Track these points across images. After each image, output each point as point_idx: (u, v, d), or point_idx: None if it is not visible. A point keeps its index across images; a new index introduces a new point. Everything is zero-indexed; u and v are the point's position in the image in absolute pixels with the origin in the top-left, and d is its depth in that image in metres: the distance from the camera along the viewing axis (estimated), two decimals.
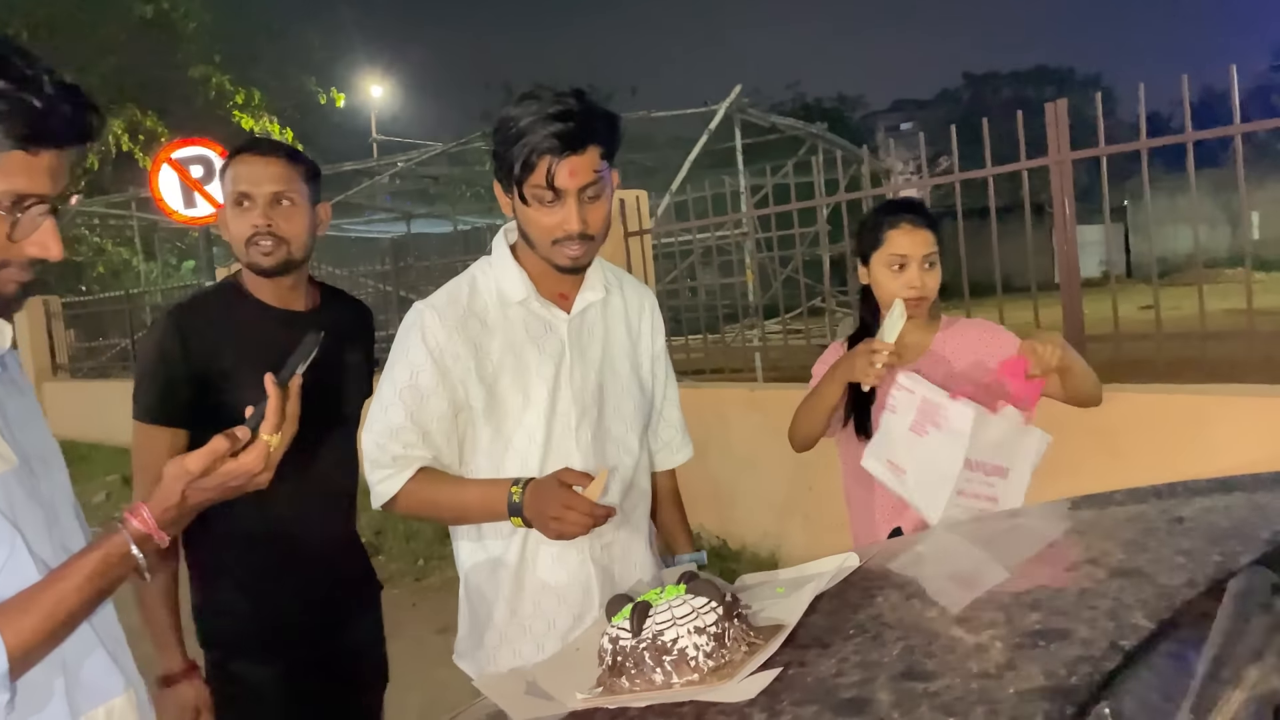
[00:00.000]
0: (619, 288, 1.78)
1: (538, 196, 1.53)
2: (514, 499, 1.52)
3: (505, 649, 1.67)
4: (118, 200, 15.11)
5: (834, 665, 1.02)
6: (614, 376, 1.72)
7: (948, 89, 42.94)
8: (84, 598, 1.10)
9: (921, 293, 2.02)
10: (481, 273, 1.69)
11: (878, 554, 1.34)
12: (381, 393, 1.64)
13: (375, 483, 1.64)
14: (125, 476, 9.05)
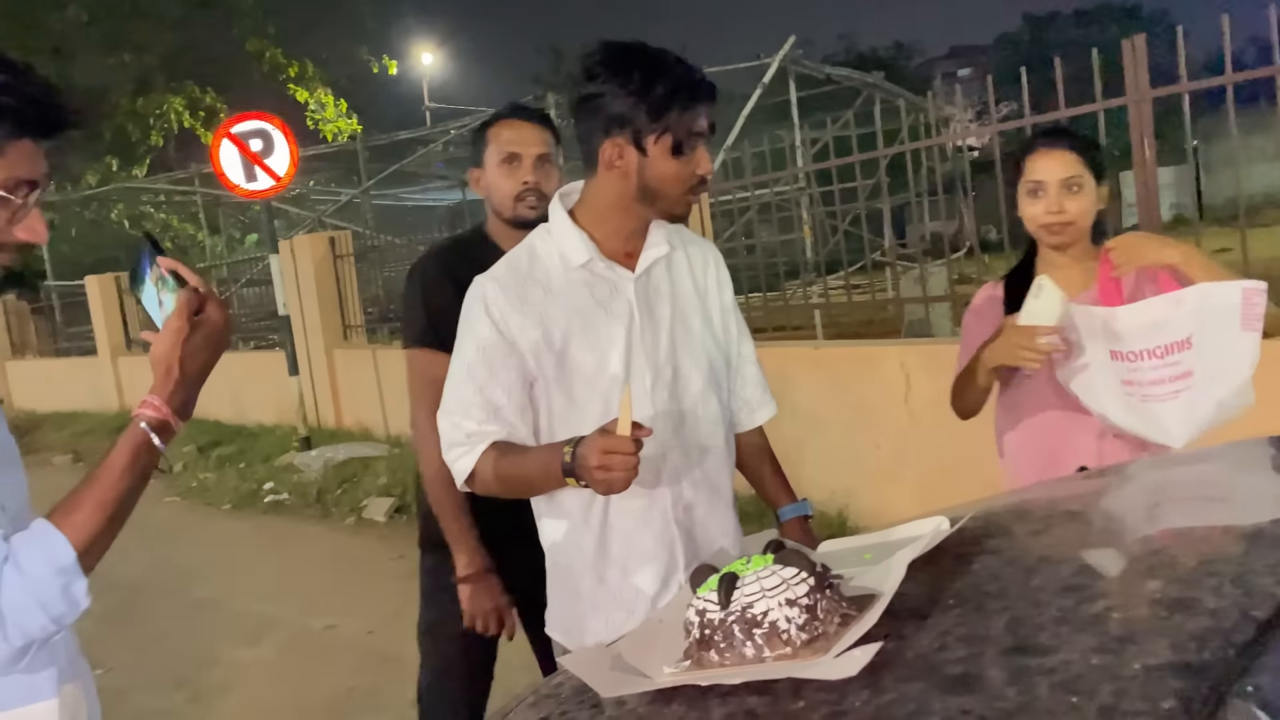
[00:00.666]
0: (681, 244, 1.74)
1: (690, 143, 1.54)
2: (566, 459, 1.47)
3: (596, 617, 1.66)
4: (181, 177, 15.36)
5: (935, 639, 0.97)
6: (686, 334, 1.69)
7: (1007, 32, 41.59)
8: (124, 488, 1.22)
9: (1062, 217, 1.94)
10: (540, 240, 1.67)
11: (972, 515, 1.27)
12: (452, 369, 1.63)
13: (452, 462, 1.62)
14: (199, 446, 9.29)
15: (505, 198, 2.10)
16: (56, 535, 1.15)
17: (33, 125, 1.17)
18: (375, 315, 9.30)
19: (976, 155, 19.01)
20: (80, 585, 1.15)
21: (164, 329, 1.25)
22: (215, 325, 1.27)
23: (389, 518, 6.38)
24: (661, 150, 1.55)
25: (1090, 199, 1.97)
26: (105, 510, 1.19)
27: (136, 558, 6.19)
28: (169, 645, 4.60)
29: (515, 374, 1.59)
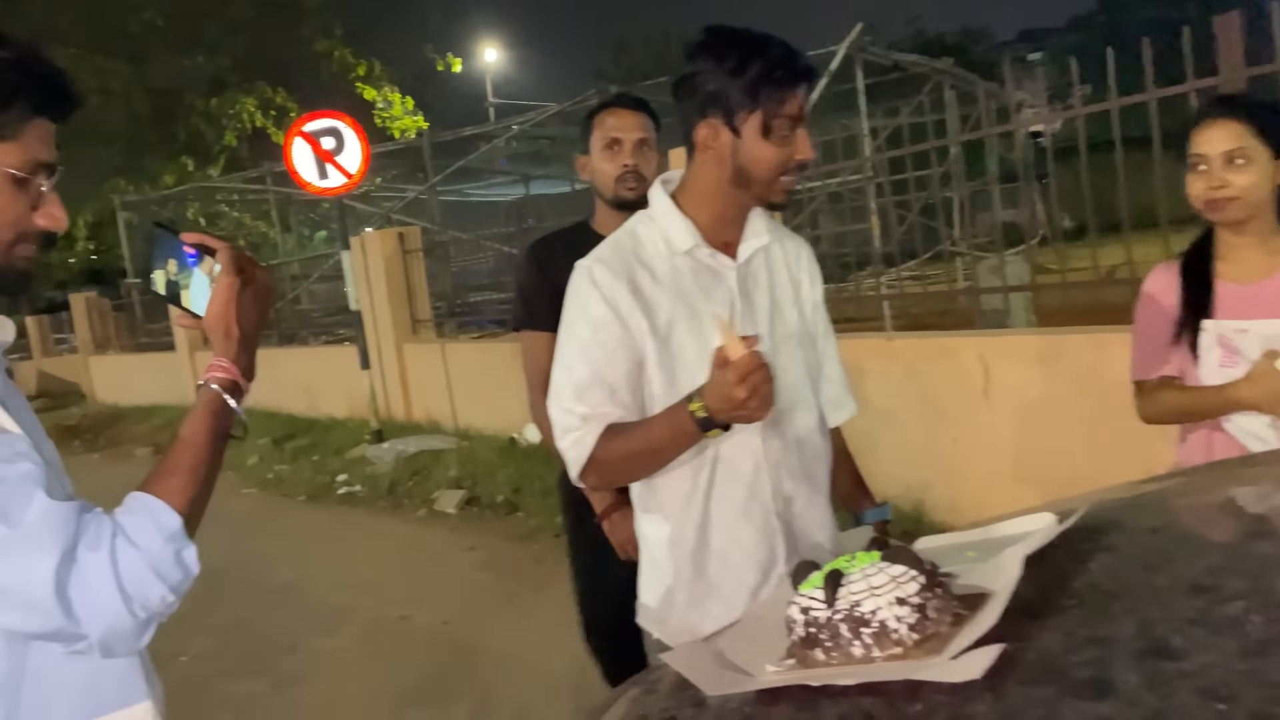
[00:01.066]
0: (777, 236, 1.73)
1: (783, 126, 1.52)
2: (698, 415, 1.43)
3: (694, 610, 1.63)
4: (254, 175, 15.68)
5: (1058, 640, 0.93)
6: (783, 325, 1.68)
7: (1079, 14, 40.47)
8: (210, 452, 1.23)
9: (1223, 193, 1.84)
10: (643, 225, 1.65)
11: (1081, 514, 1.22)
12: (563, 353, 1.60)
13: (567, 448, 1.58)
14: (275, 439, 9.48)
15: (607, 180, 2.30)
16: (159, 504, 1.15)
17: (48, 105, 1.14)
18: (443, 309, 9.39)
19: (1045, 140, 18.56)
20: (190, 551, 1.16)
21: (216, 289, 1.24)
22: (261, 282, 1.27)
23: (459, 510, 6.44)
24: (753, 131, 1.53)
25: (1261, 172, 1.84)
26: (197, 474, 1.20)
27: (216, 547, 6.32)
28: (250, 633, 4.70)
29: (629, 353, 1.57)
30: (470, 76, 26.95)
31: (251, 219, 18.84)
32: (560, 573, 5.03)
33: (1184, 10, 31.68)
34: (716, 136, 1.55)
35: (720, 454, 1.59)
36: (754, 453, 1.61)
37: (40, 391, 20.14)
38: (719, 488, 1.60)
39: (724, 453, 1.60)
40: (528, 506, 6.13)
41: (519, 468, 6.66)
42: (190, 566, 1.16)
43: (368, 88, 18.57)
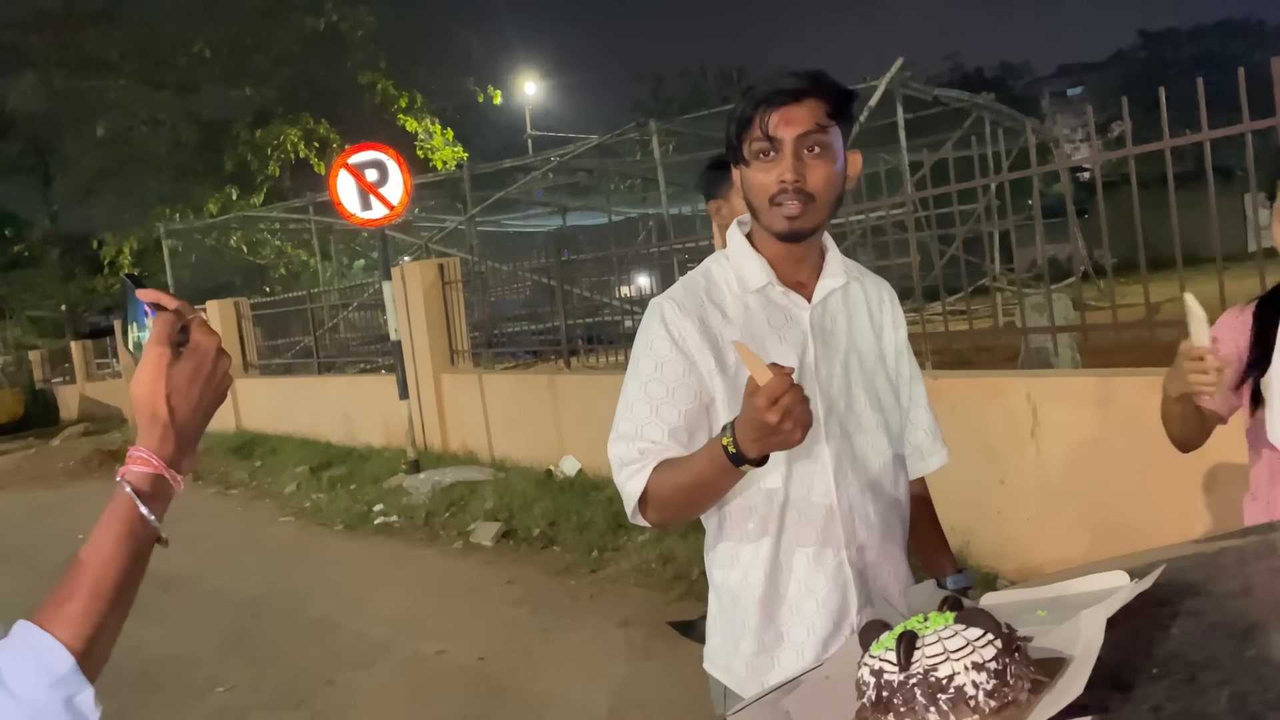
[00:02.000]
0: (859, 278, 1.71)
1: (755, 151, 1.51)
2: (729, 450, 1.38)
3: (763, 656, 1.60)
4: (296, 205, 15.93)
5: (1146, 714, 0.89)
6: (861, 369, 1.64)
7: (1122, 49, 40.26)
8: (119, 569, 0.98)
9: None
10: (717, 264, 1.64)
11: (1160, 572, 1.18)
12: (626, 389, 1.59)
13: (623, 482, 1.56)
14: (312, 467, 9.54)
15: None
16: (47, 641, 0.92)
17: None
18: (480, 340, 9.44)
19: (1087, 177, 18.41)
20: (86, 695, 0.93)
21: (141, 361, 1.03)
22: (205, 353, 1.04)
23: (495, 542, 6.43)
24: (745, 158, 1.54)
25: None
26: (101, 600, 0.96)
27: (254, 576, 6.38)
28: (287, 664, 4.70)
29: (693, 393, 1.54)
30: (509, 108, 27.28)
31: (293, 248, 19.12)
32: (596, 609, 5.02)
33: (1226, 47, 31.50)
34: (739, 175, 1.58)
35: (791, 498, 1.56)
36: (827, 497, 1.57)
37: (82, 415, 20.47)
38: (789, 532, 1.57)
39: (795, 496, 1.56)
40: (564, 540, 6.11)
41: (555, 501, 6.64)
42: (86, 715, 0.93)
43: (409, 119, 18.85)
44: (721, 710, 1.64)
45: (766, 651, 1.59)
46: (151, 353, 1.02)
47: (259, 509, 8.80)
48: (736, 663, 1.62)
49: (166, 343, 1.03)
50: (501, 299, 10.44)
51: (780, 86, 1.48)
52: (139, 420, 1.03)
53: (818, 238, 1.61)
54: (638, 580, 5.27)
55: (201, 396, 1.04)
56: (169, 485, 1.03)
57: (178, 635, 5.30)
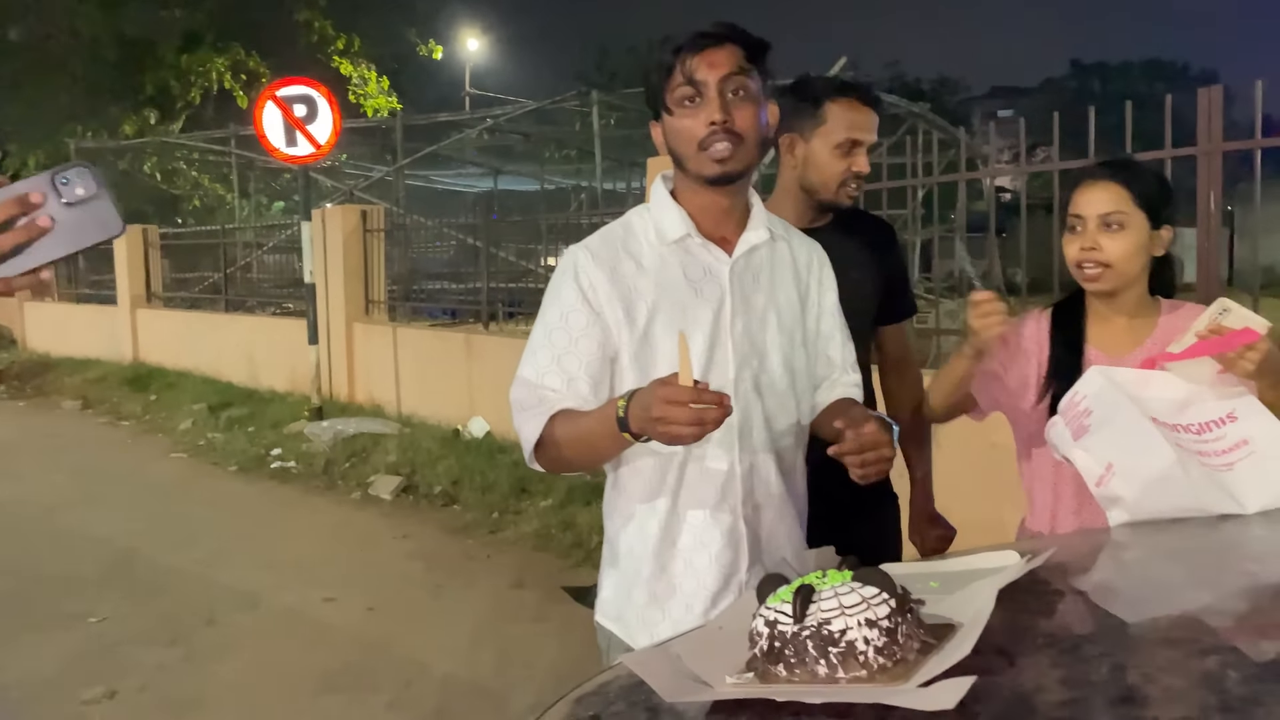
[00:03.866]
0: (786, 237, 1.68)
1: (679, 98, 1.49)
2: (620, 413, 1.37)
3: (654, 608, 1.59)
4: (218, 136, 15.36)
5: (1031, 679, 0.91)
6: (779, 329, 1.61)
7: (1053, 77, 41.48)
8: None
9: (1095, 256, 1.76)
10: (638, 216, 1.62)
11: (1050, 554, 1.21)
12: (533, 335, 1.58)
13: (520, 426, 1.55)
14: (210, 406, 9.26)
15: (828, 179, 2.05)
16: None
17: None
18: (398, 293, 9.26)
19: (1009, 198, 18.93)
20: None
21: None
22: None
23: (395, 496, 6.33)
24: (666, 115, 1.53)
25: (1135, 241, 1.75)
26: None
27: (140, 510, 6.17)
28: (166, 601, 4.55)
29: (596, 345, 1.53)
30: (450, 64, 26.75)
31: (210, 180, 18.46)
32: (491, 569, 4.99)
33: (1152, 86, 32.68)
34: (657, 132, 1.57)
35: (692, 454, 1.55)
36: (729, 455, 1.57)
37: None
38: (688, 488, 1.57)
39: (696, 453, 1.55)
40: (465, 500, 6.05)
41: (460, 460, 6.57)
42: None
43: (345, 62, 18.33)
44: (608, 661, 1.63)
45: (657, 603, 1.60)
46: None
47: (150, 443, 8.50)
48: (628, 612, 1.63)
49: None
50: (424, 255, 10.26)
51: (700, 31, 1.48)
52: None
53: (745, 186, 1.59)
54: (536, 544, 5.25)
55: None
56: None
57: (52, 562, 5.10)
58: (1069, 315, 1.88)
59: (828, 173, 2.05)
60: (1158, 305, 1.86)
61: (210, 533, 5.66)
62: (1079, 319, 1.89)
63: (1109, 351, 1.83)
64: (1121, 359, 1.80)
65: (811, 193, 2.09)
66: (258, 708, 3.48)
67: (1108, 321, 1.84)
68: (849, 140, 2.03)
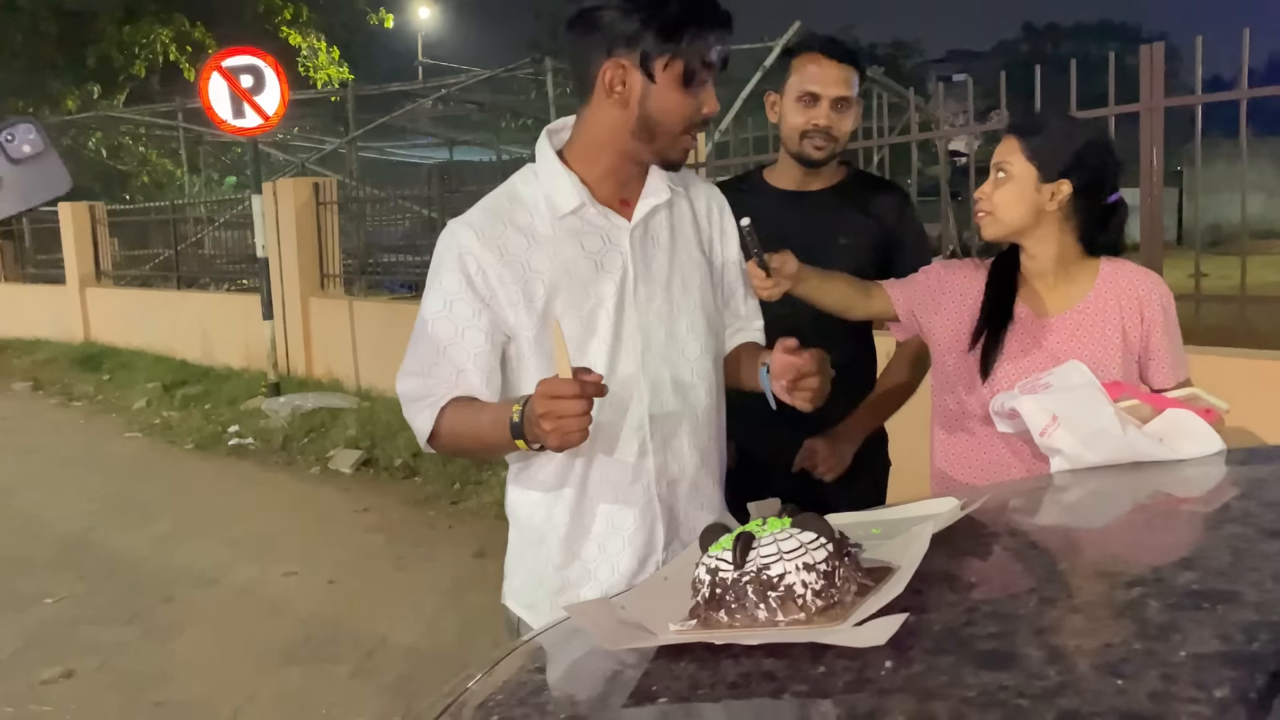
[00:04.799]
0: (684, 187, 1.57)
1: (687, 73, 1.40)
2: (514, 418, 1.32)
3: (568, 594, 1.53)
4: (164, 110, 15.02)
5: (961, 615, 0.93)
6: (685, 292, 1.53)
7: (1005, 40, 41.72)
8: None
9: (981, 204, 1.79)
10: (524, 182, 1.50)
11: (985, 499, 1.24)
12: (416, 325, 1.49)
13: (412, 417, 1.49)
14: (165, 384, 9.13)
15: (793, 133, 2.10)
16: None
17: None
18: (354, 267, 9.15)
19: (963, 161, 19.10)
20: None
21: None
22: None
23: (355, 470, 6.30)
24: (671, 78, 1.40)
25: (1018, 190, 1.75)
26: None
27: (94, 490, 6.09)
28: (123, 579, 4.51)
29: (483, 336, 1.45)
30: (401, 34, 26.34)
31: (158, 156, 18.08)
32: (453, 539, 4.98)
33: (1103, 46, 32.98)
34: (625, 80, 1.41)
35: (600, 433, 1.43)
36: (639, 431, 1.49)
37: None
38: (597, 469, 1.50)
39: (604, 431, 1.46)
40: (426, 472, 6.03)
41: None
42: None
43: (293, 33, 17.98)
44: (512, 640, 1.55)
45: (571, 589, 1.53)
46: None
47: (104, 423, 8.37)
48: (540, 600, 1.57)
49: None
50: (379, 227, 10.14)
51: (722, 11, 1.43)
52: None
53: None
54: (498, 513, 5.21)
55: None
56: None
57: (6, 544, 5.02)
58: (1005, 270, 1.90)
59: (788, 125, 2.10)
60: (1095, 266, 1.85)
61: (167, 511, 5.60)
62: (1014, 274, 1.90)
63: (1036, 310, 1.82)
64: (1051, 319, 1.82)
65: (786, 147, 2.14)
66: (220, 681, 3.47)
67: (1036, 279, 1.84)
68: (807, 93, 2.05)
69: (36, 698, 3.40)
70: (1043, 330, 1.80)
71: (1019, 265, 1.87)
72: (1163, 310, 1.80)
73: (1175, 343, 1.82)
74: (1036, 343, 1.80)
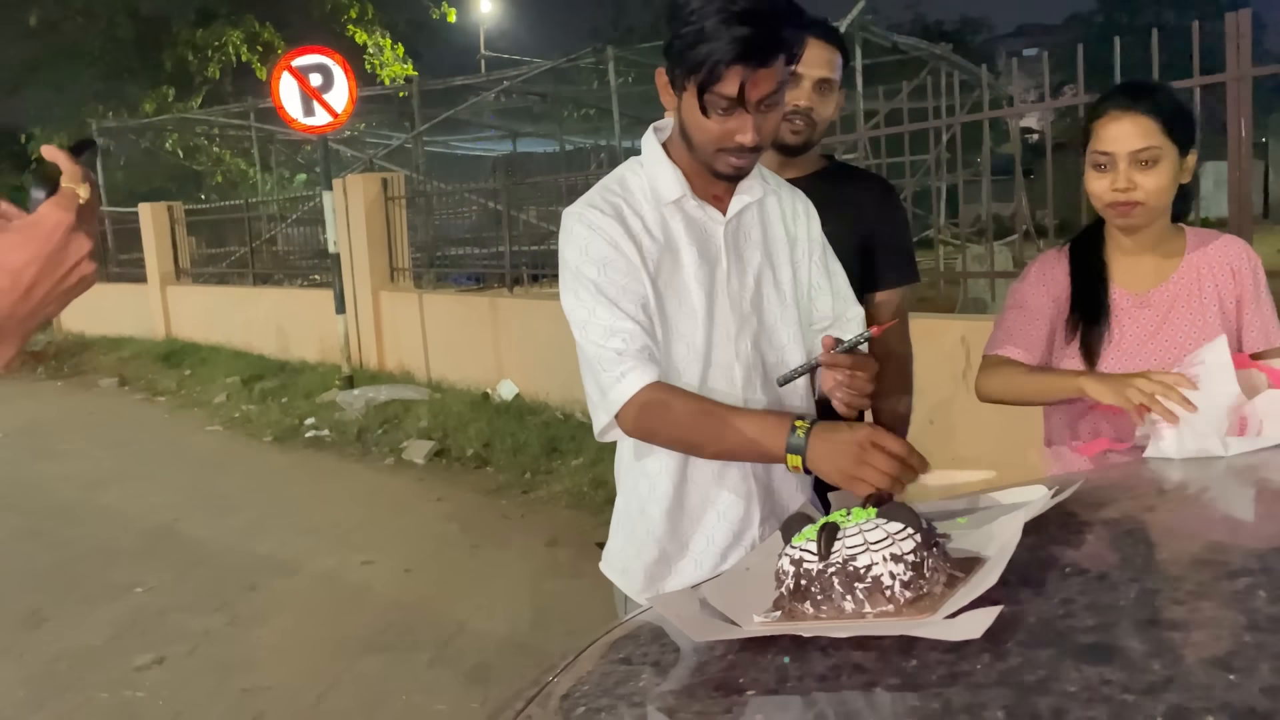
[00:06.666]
0: (775, 189, 1.66)
1: (716, 105, 1.40)
2: (797, 434, 1.32)
3: (662, 564, 1.61)
4: (236, 110, 15.38)
5: (1057, 606, 0.91)
6: (775, 285, 1.61)
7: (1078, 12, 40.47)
8: None
9: (1129, 195, 1.70)
10: (632, 173, 1.57)
11: (1078, 486, 1.20)
12: (578, 298, 1.49)
13: (607, 386, 1.44)
14: (243, 378, 9.36)
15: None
16: None
17: None
18: (422, 260, 9.28)
19: (1036, 139, 18.61)
20: None
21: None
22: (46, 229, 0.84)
23: (428, 461, 6.39)
24: (690, 100, 1.42)
25: (1169, 175, 1.69)
26: None
27: (179, 482, 6.28)
28: (209, 568, 4.64)
29: (641, 285, 1.48)
30: (464, 28, 26.56)
31: (231, 155, 18.52)
32: (525, 528, 5.04)
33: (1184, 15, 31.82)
34: (666, 87, 1.47)
35: None
36: None
37: None
38: None
39: None
40: (497, 462, 6.09)
41: (490, 423, 6.61)
42: None
43: (359, 31, 18.25)
44: (623, 614, 1.63)
45: (667, 560, 1.61)
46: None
47: (186, 417, 8.62)
48: (635, 566, 1.64)
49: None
50: (447, 221, 10.26)
51: (750, 41, 1.35)
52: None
53: None
54: (569, 502, 5.29)
55: (36, 283, 0.84)
56: None
57: (97, 536, 5.21)
58: (1089, 250, 1.84)
59: None
60: (1182, 236, 1.80)
61: (249, 502, 5.75)
62: (1100, 253, 1.85)
63: (1133, 288, 1.79)
64: (1147, 295, 1.77)
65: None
66: (303, 669, 3.55)
67: (1132, 256, 1.80)
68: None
69: (131, 684, 3.52)
70: (1141, 307, 1.76)
71: (1102, 244, 1.82)
72: (1253, 274, 1.76)
73: (1269, 307, 1.77)
74: (1136, 322, 1.75)
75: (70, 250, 0.85)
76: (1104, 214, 1.78)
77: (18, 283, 0.82)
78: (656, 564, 1.61)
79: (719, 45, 1.35)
